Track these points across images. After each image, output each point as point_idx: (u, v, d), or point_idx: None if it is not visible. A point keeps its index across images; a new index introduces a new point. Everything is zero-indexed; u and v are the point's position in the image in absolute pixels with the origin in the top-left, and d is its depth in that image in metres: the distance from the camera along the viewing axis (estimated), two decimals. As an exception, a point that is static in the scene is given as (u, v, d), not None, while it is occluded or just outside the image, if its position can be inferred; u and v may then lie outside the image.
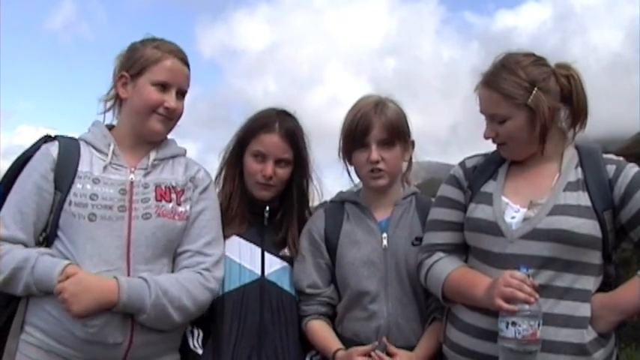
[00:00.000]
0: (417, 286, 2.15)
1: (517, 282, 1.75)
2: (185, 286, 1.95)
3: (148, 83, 2.02)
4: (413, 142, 2.29)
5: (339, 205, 2.33)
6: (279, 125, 2.29)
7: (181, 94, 2.09)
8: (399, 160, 2.23)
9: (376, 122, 2.15)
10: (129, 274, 1.91)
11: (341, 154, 2.30)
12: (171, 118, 2.08)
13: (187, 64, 2.11)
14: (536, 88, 1.91)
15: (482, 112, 2.03)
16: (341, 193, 2.39)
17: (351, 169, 2.30)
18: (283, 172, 2.30)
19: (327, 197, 2.45)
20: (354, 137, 2.19)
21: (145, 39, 2.10)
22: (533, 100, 1.90)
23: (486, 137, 2.02)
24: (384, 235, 2.21)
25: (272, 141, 2.27)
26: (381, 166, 2.17)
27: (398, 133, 2.20)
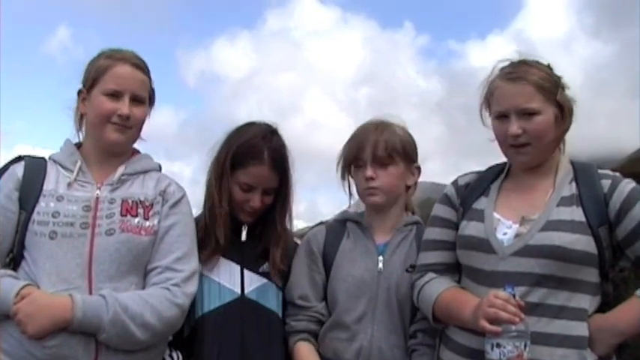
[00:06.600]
0: (406, 315, 2.12)
1: (501, 302, 1.69)
2: (149, 302, 1.87)
3: (100, 93, 1.98)
4: (419, 168, 2.27)
5: (341, 223, 2.31)
6: (267, 155, 2.20)
7: (137, 100, 2.02)
8: (395, 180, 2.19)
9: (371, 141, 2.16)
10: (91, 293, 1.84)
11: (339, 174, 2.29)
12: (129, 125, 2.00)
13: (143, 69, 2.05)
14: (560, 87, 1.88)
15: (507, 109, 1.88)
16: (345, 212, 2.37)
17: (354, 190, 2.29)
18: (269, 199, 2.26)
19: (318, 217, 2.41)
20: (351, 155, 2.20)
21: (101, 51, 2.06)
22: (560, 97, 1.87)
23: (512, 135, 1.87)
24: (380, 257, 2.17)
25: (261, 173, 2.20)
26: (374, 183, 2.15)
27: (395, 154, 2.17)
